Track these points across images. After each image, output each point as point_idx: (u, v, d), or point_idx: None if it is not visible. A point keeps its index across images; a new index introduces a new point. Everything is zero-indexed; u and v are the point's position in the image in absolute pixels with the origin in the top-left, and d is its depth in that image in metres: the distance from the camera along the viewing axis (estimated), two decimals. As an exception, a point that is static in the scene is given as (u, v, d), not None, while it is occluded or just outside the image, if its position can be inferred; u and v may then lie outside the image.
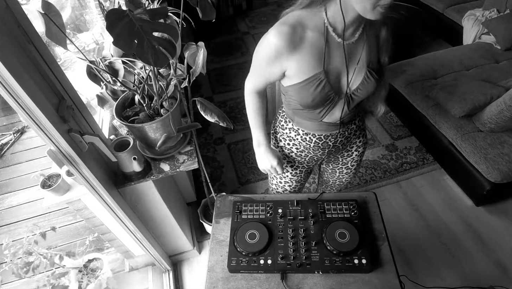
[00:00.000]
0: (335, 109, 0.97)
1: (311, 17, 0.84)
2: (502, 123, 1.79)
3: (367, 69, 0.91)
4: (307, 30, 0.84)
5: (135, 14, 0.74)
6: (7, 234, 2.04)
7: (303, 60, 0.86)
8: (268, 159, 1.10)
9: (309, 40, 0.84)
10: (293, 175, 1.26)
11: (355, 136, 1.17)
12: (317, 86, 0.88)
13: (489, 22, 2.50)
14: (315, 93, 0.89)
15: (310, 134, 1.08)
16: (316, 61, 0.86)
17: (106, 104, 1.16)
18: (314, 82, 0.88)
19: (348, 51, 0.88)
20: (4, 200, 2.23)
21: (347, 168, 1.27)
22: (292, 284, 0.91)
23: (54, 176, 1.16)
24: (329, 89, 0.89)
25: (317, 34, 0.84)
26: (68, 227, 2.04)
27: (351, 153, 1.22)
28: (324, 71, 0.87)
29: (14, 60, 0.76)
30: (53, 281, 1.43)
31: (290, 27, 0.83)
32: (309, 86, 0.88)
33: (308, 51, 0.85)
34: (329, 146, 1.11)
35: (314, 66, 0.87)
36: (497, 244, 1.82)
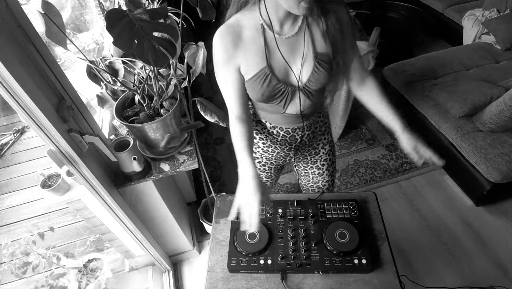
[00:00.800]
0: (295, 101, 0.98)
1: (247, 17, 0.88)
2: (502, 123, 1.79)
3: (315, 60, 0.91)
4: (244, 30, 0.87)
5: (135, 14, 0.74)
6: (7, 234, 2.04)
7: (248, 57, 0.89)
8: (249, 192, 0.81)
9: (248, 39, 0.88)
10: (261, 171, 1.26)
11: (321, 133, 1.18)
12: (264, 81, 0.90)
13: (489, 22, 2.50)
14: (263, 88, 0.91)
15: (277, 128, 1.08)
16: (259, 57, 0.89)
17: (106, 104, 1.16)
18: (261, 78, 0.90)
19: (290, 45, 0.90)
20: (4, 200, 2.23)
21: (318, 167, 1.26)
22: (292, 284, 0.91)
23: (54, 176, 1.16)
24: (277, 82, 0.91)
25: (254, 32, 0.88)
26: (68, 227, 2.04)
27: (318, 150, 1.22)
28: (268, 66, 0.90)
29: (14, 60, 0.76)
30: (51, 281, 1.43)
31: (227, 27, 0.87)
32: (257, 82, 0.91)
33: (250, 49, 0.88)
34: (296, 140, 1.11)
35: (258, 62, 0.89)
36: (497, 244, 1.82)
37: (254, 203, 0.79)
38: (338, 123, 2.26)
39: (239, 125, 0.94)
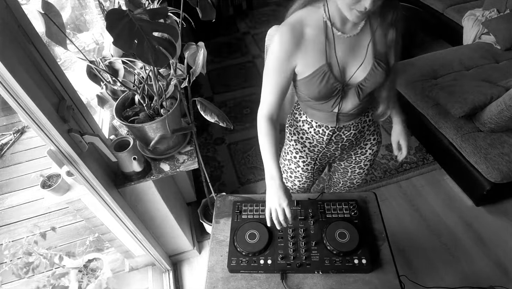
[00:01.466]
0: (347, 101, 0.99)
1: (310, 15, 0.89)
2: (502, 123, 1.79)
3: (374, 60, 0.92)
4: (306, 27, 0.88)
5: (135, 14, 0.74)
6: (7, 234, 2.04)
7: (307, 56, 0.90)
8: (278, 197, 0.90)
9: (310, 37, 0.88)
10: (304, 170, 1.25)
11: (369, 132, 1.16)
12: (322, 79, 0.91)
13: (489, 22, 2.50)
14: (320, 86, 0.92)
15: (323, 127, 1.08)
16: (319, 55, 0.90)
17: (106, 104, 1.16)
18: (319, 75, 0.91)
19: (351, 44, 0.91)
20: (4, 200, 2.23)
21: (360, 167, 1.26)
22: (292, 284, 0.91)
23: (54, 176, 1.16)
24: (334, 80, 0.92)
25: (317, 30, 0.88)
26: (68, 227, 2.04)
27: (365, 151, 1.21)
28: (327, 64, 0.90)
29: (14, 60, 0.76)
30: (53, 281, 1.43)
31: (289, 26, 0.88)
32: (315, 80, 0.92)
33: (310, 47, 0.89)
34: (342, 139, 1.10)
35: (318, 60, 0.90)
36: (497, 244, 1.82)
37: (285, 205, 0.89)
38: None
39: (269, 126, 0.96)
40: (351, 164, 1.26)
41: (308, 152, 1.19)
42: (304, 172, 1.26)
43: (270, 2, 4.22)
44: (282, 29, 0.88)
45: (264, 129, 0.96)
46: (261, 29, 3.71)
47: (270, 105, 0.96)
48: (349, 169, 1.28)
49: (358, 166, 1.26)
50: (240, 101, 2.82)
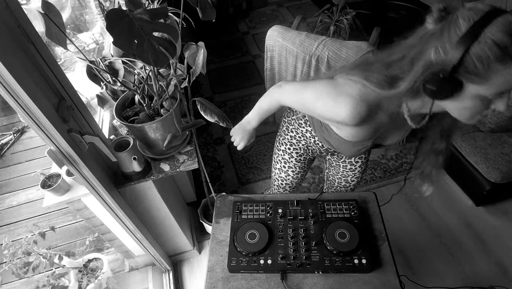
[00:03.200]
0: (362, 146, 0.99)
1: (390, 101, 0.77)
2: (502, 123, 1.79)
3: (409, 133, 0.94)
4: (379, 112, 0.79)
5: (135, 14, 0.74)
6: (7, 234, 2.04)
7: (360, 129, 0.85)
8: (244, 135, 1.15)
9: (376, 119, 0.81)
10: (297, 160, 1.28)
11: None
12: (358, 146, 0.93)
13: (489, 22, 2.49)
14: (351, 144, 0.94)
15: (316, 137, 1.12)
16: (371, 130, 0.86)
17: (106, 104, 1.16)
18: (357, 144, 0.93)
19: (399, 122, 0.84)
20: (4, 200, 2.22)
21: (351, 163, 1.28)
22: (292, 284, 0.91)
23: (54, 176, 1.16)
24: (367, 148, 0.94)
25: (386, 115, 0.80)
26: (68, 227, 2.04)
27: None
28: (371, 141, 0.91)
29: (14, 60, 0.76)
30: (53, 281, 1.43)
31: (367, 111, 0.76)
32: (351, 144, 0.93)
33: (369, 125, 0.83)
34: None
35: (366, 134, 0.87)
36: (497, 244, 1.82)
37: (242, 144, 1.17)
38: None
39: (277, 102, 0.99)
40: (342, 158, 1.29)
41: (301, 146, 1.22)
42: (297, 162, 1.28)
43: (270, 2, 4.22)
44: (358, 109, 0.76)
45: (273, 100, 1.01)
46: (261, 29, 3.71)
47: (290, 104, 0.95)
48: (340, 163, 1.31)
49: (348, 161, 1.28)
50: (240, 101, 2.81)
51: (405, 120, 0.80)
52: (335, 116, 0.80)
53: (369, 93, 0.75)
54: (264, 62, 1.86)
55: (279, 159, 1.32)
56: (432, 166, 0.95)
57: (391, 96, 0.73)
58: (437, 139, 0.89)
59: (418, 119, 0.80)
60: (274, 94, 0.99)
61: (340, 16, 2.32)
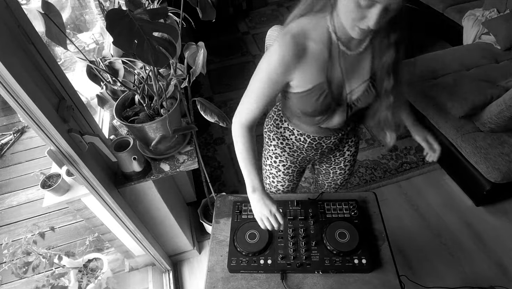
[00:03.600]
0: (334, 117, 0.96)
1: (314, 27, 0.81)
2: (502, 123, 1.79)
3: (369, 80, 0.89)
4: (310, 41, 0.81)
5: (135, 14, 0.74)
6: (7, 234, 2.04)
7: (306, 71, 0.84)
8: (266, 205, 0.92)
9: (312, 52, 0.82)
10: (285, 174, 1.25)
11: (347, 137, 1.16)
12: (319, 97, 0.87)
13: (489, 22, 2.50)
14: (316, 104, 0.88)
15: (305, 135, 1.07)
16: (319, 72, 0.84)
17: (106, 104, 1.16)
18: (316, 93, 0.86)
19: (352, 62, 0.86)
20: (4, 200, 2.22)
21: (341, 168, 1.26)
22: (292, 284, 0.91)
23: (54, 176, 1.16)
24: (330, 100, 0.88)
25: (320, 45, 0.82)
26: (68, 227, 2.04)
27: (343, 152, 1.22)
28: (326, 82, 0.85)
29: (14, 60, 0.76)
30: (52, 281, 1.43)
31: (292, 37, 0.80)
32: (311, 97, 0.87)
33: (311, 62, 0.83)
34: (322, 146, 1.10)
35: (317, 77, 0.85)
36: (497, 244, 1.82)
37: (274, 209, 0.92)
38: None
39: (247, 137, 0.93)
40: (331, 165, 1.27)
41: (287, 156, 1.18)
42: (285, 176, 1.26)
43: (270, 2, 4.22)
44: (284, 40, 0.80)
45: (242, 139, 0.93)
46: (261, 29, 3.71)
47: (251, 114, 0.91)
48: (330, 170, 1.29)
49: (338, 167, 1.26)
50: (240, 101, 2.81)
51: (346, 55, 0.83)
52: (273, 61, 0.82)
53: (291, 27, 0.81)
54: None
55: (267, 174, 1.29)
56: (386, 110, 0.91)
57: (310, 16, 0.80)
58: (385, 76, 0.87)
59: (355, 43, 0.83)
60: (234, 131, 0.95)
61: (340, 16, 2.32)
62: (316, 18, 0.81)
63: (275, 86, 0.86)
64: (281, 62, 0.81)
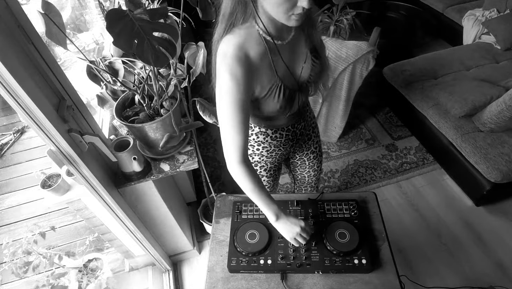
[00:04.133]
0: (294, 102, 0.99)
1: (246, 38, 0.82)
2: (502, 123, 1.79)
3: (312, 54, 0.95)
4: (249, 51, 0.82)
5: (135, 14, 0.74)
6: (7, 234, 2.04)
7: (260, 78, 0.87)
8: (293, 224, 0.91)
9: (256, 59, 0.84)
10: (268, 177, 1.27)
11: (309, 118, 1.21)
12: (279, 94, 0.90)
13: (489, 22, 2.50)
14: (280, 100, 0.91)
15: (279, 130, 1.09)
16: (269, 72, 0.88)
17: (106, 104, 1.16)
18: (275, 92, 0.90)
19: (290, 48, 0.91)
20: (4, 200, 2.22)
21: (312, 151, 1.31)
22: (292, 284, 0.91)
23: (54, 176, 1.16)
24: (288, 91, 0.92)
25: (258, 48, 0.84)
26: (68, 227, 2.04)
27: (310, 136, 1.27)
28: (278, 78, 0.89)
29: (14, 60, 0.76)
30: (52, 281, 1.43)
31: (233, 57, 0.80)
32: (272, 97, 0.91)
33: (259, 68, 0.85)
34: (296, 134, 1.14)
35: (269, 77, 0.88)
36: (497, 244, 1.82)
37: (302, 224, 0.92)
38: (338, 123, 2.26)
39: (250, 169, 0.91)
40: (304, 151, 1.30)
41: (266, 159, 1.19)
42: (269, 178, 1.28)
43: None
44: (226, 63, 0.80)
45: (247, 177, 0.91)
46: (261, 29, 3.71)
47: (240, 147, 0.88)
48: (304, 158, 1.32)
49: (310, 151, 1.31)
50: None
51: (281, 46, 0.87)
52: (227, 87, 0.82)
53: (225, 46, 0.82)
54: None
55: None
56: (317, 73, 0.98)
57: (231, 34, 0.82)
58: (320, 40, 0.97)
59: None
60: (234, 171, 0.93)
61: (340, 16, 2.31)
62: (242, 29, 0.83)
63: (245, 106, 0.84)
64: (238, 84, 0.81)
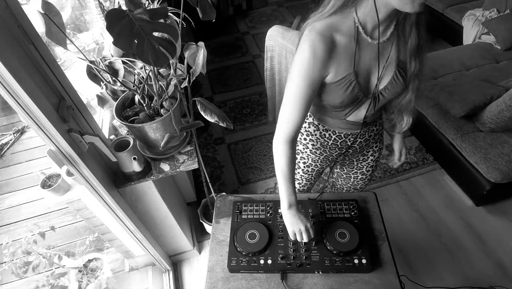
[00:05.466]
0: (361, 108, 0.95)
1: (341, 21, 0.82)
2: (502, 123, 1.79)
3: (396, 68, 0.88)
4: (337, 35, 0.82)
5: (135, 14, 0.74)
6: (7, 234, 2.04)
7: (337, 64, 0.84)
8: (301, 221, 0.91)
9: (341, 44, 0.82)
10: (304, 172, 1.23)
11: (374, 141, 1.14)
12: (347, 88, 0.86)
13: (489, 22, 2.50)
14: (344, 95, 0.88)
15: (330, 131, 1.05)
16: (348, 63, 0.85)
17: (106, 104, 1.16)
18: (345, 84, 0.86)
19: (379, 50, 0.86)
20: (4, 200, 2.22)
21: (362, 173, 1.24)
22: (292, 284, 0.91)
23: (54, 176, 1.16)
24: (358, 90, 0.88)
25: (348, 36, 0.82)
26: (68, 227, 2.04)
27: (367, 158, 1.20)
28: (354, 72, 0.85)
29: (14, 60, 0.76)
30: (52, 281, 1.43)
31: (320, 33, 0.80)
32: (339, 88, 0.87)
33: (341, 54, 0.83)
34: (347, 145, 1.08)
35: (345, 68, 0.85)
36: (497, 244, 1.82)
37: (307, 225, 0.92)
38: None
39: (291, 151, 0.90)
40: (353, 169, 1.24)
41: (309, 153, 1.16)
42: (304, 174, 1.24)
43: (270, 2, 4.22)
44: (312, 37, 0.80)
45: (284, 157, 0.90)
46: (261, 29, 3.71)
47: (294, 125, 0.87)
48: (351, 174, 1.27)
49: (360, 172, 1.24)
50: (240, 101, 2.81)
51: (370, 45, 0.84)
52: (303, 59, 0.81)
53: (314, 26, 0.81)
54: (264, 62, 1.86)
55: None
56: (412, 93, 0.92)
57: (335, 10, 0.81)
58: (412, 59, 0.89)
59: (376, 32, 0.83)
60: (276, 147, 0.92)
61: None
62: (340, 14, 0.82)
63: (314, 85, 0.84)
64: (315, 58, 0.81)
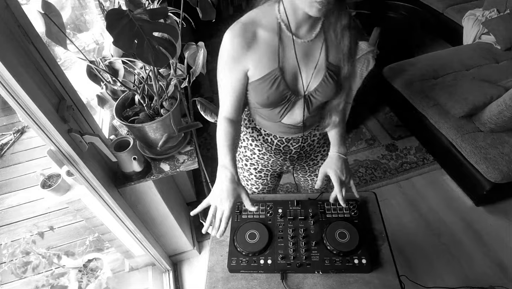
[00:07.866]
0: (295, 110, 0.94)
1: (264, 15, 0.84)
2: (502, 123, 1.79)
3: (326, 70, 0.88)
4: (259, 28, 0.83)
5: (135, 14, 0.74)
6: (7, 234, 2.04)
7: (258, 58, 0.84)
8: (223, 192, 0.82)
9: (263, 38, 0.83)
10: (257, 178, 1.22)
11: (319, 145, 1.14)
12: (273, 84, 0.86)
13: (489, 22, 2.50)
14: (270, 91, 0.87)
15: (271, 136, 1.05)
16: (271, 58, 0.85)
17: (106, 104, 1.16)
18: (270, 80, 0.85)
19: (305, 50, 0.86)
20: (4, 200, 2.22)
21: (317, 175, 1.22)
22: (292, 284, 0.91)
23: (54, 176, 1.16)
24: (284, 87, 0.87)
25: (270, 32, 0.83)
26: (68, 227, 2.04)
27: (317, 162, 1.20)
28: (279, 68, 0.85)
29: (14, 60, 0.76)
30: (52, 281, 1.43)
31: (241, 26, 0.82)
32: (265, 84, 0.86)
33: (263, 49, 0.84)
34: (290, 150, 1.08)
35: (269, 64, 0.85)
36: (497, 244, 1.82)
37: (226, 207, 0.81)
38: (338, 123, 2.25)
39: (226, 125, 0.91)
40: (307, 173, 1.24)
41: (258, 159, 1.15)
42: (258, 179, 1.22)
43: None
44: (233, 29, 0.82)
45: (222, 127, 0.91)
46: (261, 29, 3.71)
47: (228, 108, 0.91)
48: (307, 178, 1.26)
49: (314, 174, 1.23)
50: (240, 101, 2.81)
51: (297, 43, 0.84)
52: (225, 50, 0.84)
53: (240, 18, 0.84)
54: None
55: (241, 176, 1.24)
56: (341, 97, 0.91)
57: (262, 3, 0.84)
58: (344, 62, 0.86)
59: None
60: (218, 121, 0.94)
61: (340, 16, 2.32)
62: (264, 7, 0.85)
63: (236, 76, 0.87)
64: (233, 49, 0.83)
